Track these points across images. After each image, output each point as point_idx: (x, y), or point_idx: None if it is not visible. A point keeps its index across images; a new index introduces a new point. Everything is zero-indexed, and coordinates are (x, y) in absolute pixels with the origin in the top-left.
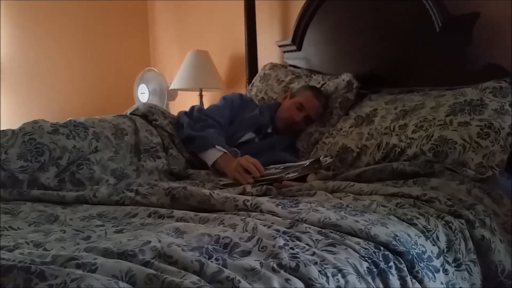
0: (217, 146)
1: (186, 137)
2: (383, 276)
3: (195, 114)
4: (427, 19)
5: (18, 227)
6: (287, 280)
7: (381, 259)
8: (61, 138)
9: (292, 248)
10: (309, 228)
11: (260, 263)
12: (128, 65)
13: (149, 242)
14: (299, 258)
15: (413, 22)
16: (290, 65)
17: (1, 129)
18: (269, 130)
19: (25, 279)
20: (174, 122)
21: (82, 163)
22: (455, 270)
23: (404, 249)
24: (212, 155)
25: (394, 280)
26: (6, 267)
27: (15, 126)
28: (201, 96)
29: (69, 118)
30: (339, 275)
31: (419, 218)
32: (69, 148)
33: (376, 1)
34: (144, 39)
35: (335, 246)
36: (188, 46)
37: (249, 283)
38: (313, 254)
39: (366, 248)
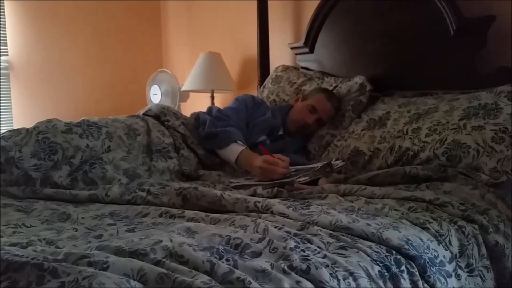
0: (238, 141)
1: (208, 133)
2: (394, 280)
3: (216, 114)
4: (441, 22)
5: (31, 225)
6: (298, 282)
7: (393, 263)
8: (74, 137)
9: (303, 250)
10: (320, 230)
11: (271, 264)
12: (140, 66)
13: (161, 241)
14: (310, 260)
15: (427, 24)
16: (302, 67)
17: (14, 128)
18: (280, 132)
19: (38, 276)
20: (186, 123)
21: (95, 163)
22: (468, 275)
23: (416, 253)
24: (234, 150)
25: (406, 284)
26: (19, 263)
27: (28, 126)
28: (212, 97)
29: (83, 118)
30: (350, 278)
31: (431, 222)
32: (82, 147)
33: (390, 3)
34: (157, 41)
35: (346, 249)
36: (200, 48)
37: (259, 284)
38: (324, 256)
39: (377, 252)
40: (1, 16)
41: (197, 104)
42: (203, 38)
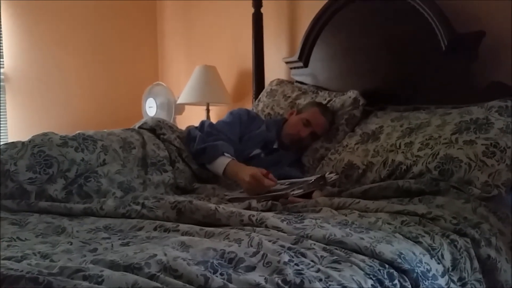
0: (225, 154)
1: (197, 150)
2: None
3: (207, 129)
4: (433, 37)
5: (25, 238)
6: None
7: (385, 276)
8: (69, 151)
9: (297, 264)
10: (314, 244)
11: (265, 278)
12: (136, 79)
13: (155, 255)
14: (304, 274)
15: (419, 40)
16: (297, 81)
17: (9, 141)
18: (275, 146)
19: None
20: (182, 136)
21: (90, 176)
22: None
23: (409, 267)
24: (222, 163)
25: None
26: (14, 277)
27: (23, 139)
28: (208, 110)
29: (78, 131)
30: None
31: (424, 236)
32: (78, 160)
33: (382, 19)
34: (153, 54)
35: (340, 263)
36: (196, 61)
37: None
38: (318, 270)
39: (371, 266)
40: None
41: (192, 117)
42: (198, 51)
